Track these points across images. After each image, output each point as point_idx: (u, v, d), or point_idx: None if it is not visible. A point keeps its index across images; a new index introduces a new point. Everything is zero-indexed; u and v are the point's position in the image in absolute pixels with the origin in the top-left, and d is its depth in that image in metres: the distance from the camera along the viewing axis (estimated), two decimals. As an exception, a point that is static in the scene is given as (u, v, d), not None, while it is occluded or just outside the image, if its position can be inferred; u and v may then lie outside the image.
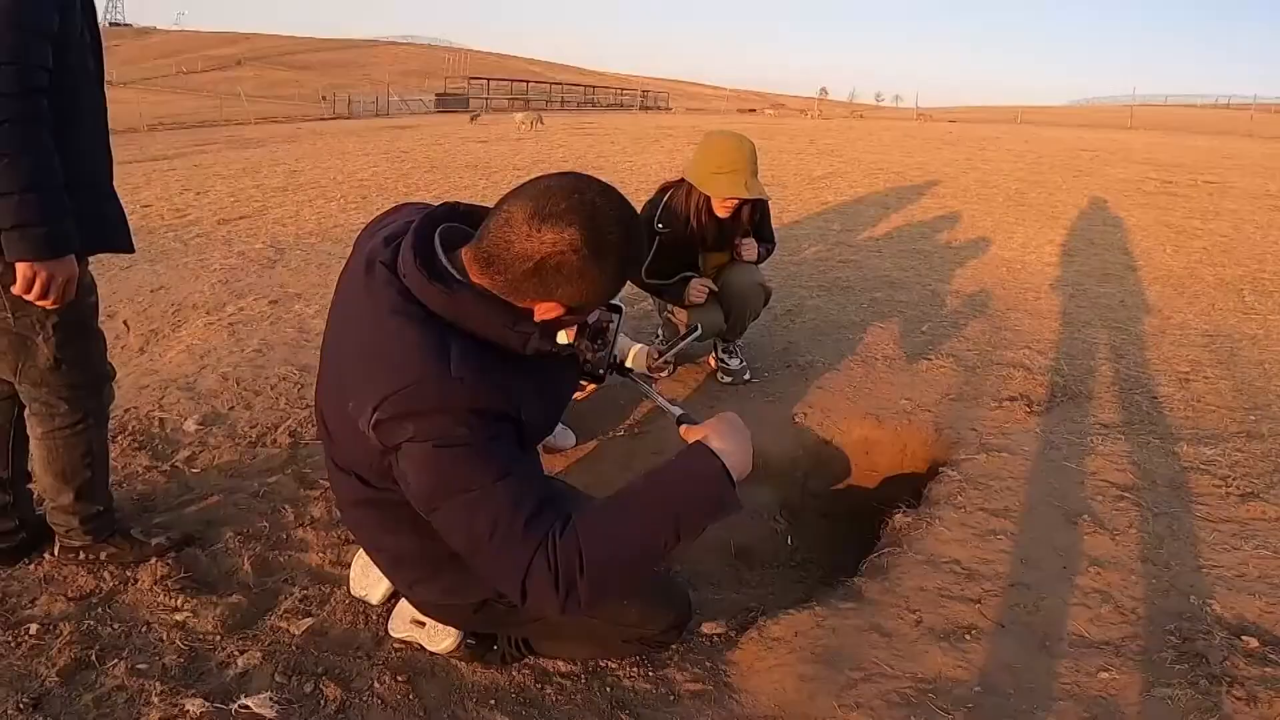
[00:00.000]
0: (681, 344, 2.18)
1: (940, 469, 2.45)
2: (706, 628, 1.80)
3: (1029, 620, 1.79)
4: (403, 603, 1.69)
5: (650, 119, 25.71)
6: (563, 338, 1.95)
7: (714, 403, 2.85)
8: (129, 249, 1.85)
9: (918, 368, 3.19)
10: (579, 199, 1.11)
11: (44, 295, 1.58)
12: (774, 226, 3.07)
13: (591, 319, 1.43)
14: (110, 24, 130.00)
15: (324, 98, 36.20)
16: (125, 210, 1.87)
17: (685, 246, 2.84)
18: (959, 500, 2.24)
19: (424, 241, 1.19)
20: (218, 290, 4.14)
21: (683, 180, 2.78)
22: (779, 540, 2.37)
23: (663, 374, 3.04)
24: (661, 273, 2.86)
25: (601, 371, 1.47)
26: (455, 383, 1.09)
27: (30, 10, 1.49)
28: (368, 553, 1.54)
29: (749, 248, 2.88)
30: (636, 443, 2.58)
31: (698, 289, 2.81)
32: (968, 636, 1.73)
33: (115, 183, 1.80)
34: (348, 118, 29.92)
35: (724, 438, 1.20)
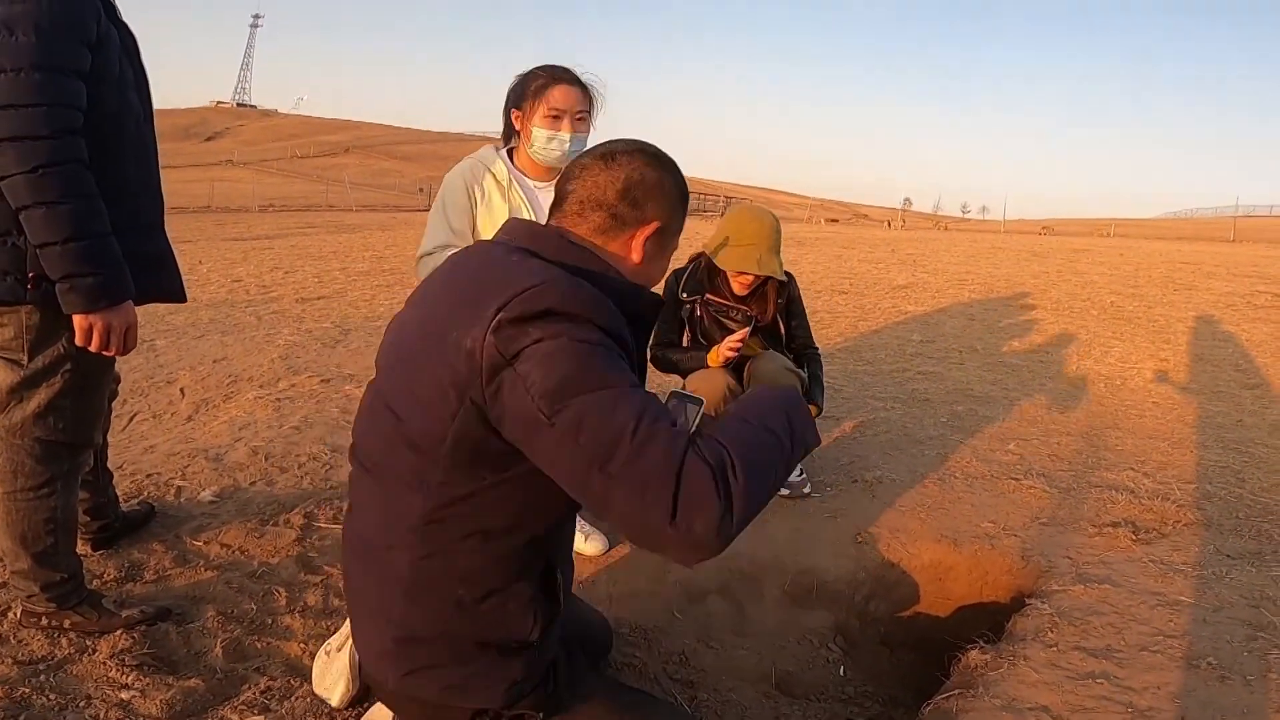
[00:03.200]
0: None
1: (1027, 601, 2.11)
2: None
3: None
4: (371, 713, 1.48)
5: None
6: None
7: (767, 516, 2.55)
8: (180, 297, 1.78)
9: (1003, 487, 2.84)
10: (624, 142, 1.24)
11: (105, 346, 1.54)
12: (850, 335, 2.82)
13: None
14: (238, 104, 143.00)
15: (420, 189, 38.35)
16: (177, 257, 1.80)
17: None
18: (1049, 637, 1.90)
19: (527, 221, 1.26)
20: (276, 365, 4.15)
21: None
22: (830, 669, 2.05)
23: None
24: (678, 346, 2.66)
25: None
26: (587, 292, 1.04)
27: (54, 48, 1.43)
28: (371, 627, 1.24)
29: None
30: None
31: (731, 347, 2.46)
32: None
33: (206, 251, 1.75)
34: (442, 211, 31.43)
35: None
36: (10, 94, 1.40)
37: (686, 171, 1.29)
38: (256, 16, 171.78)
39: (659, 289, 1.30)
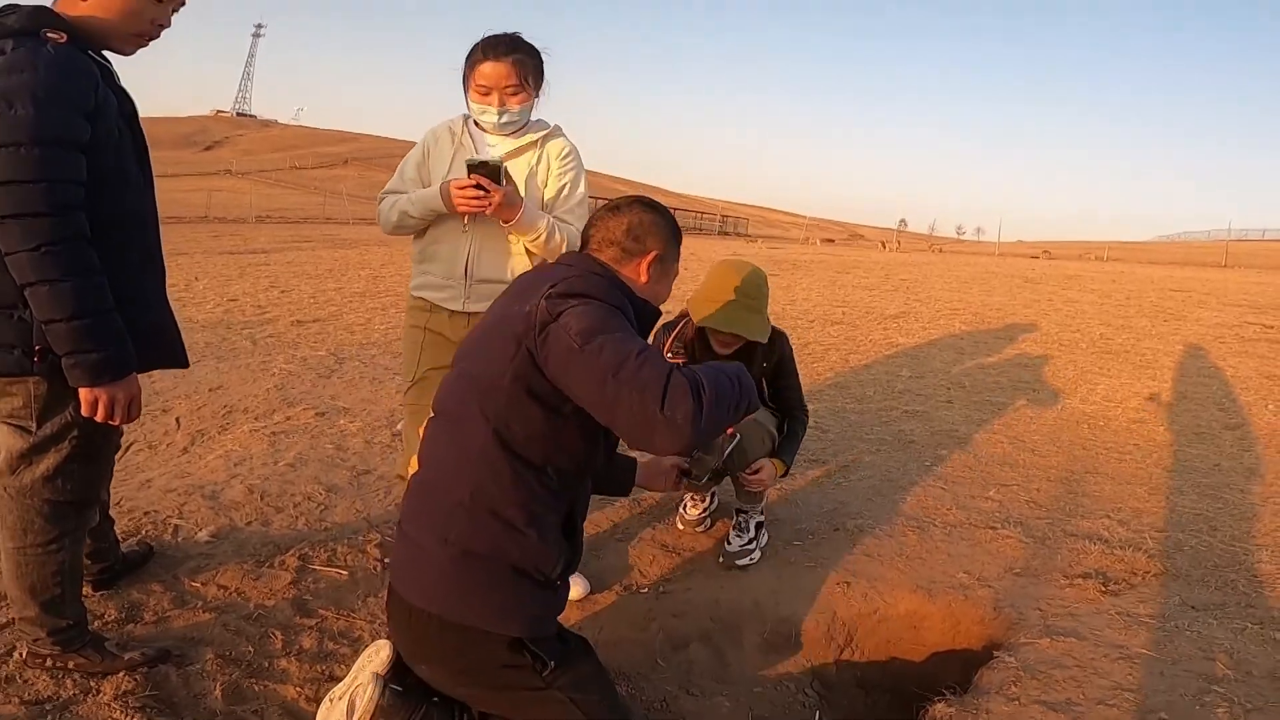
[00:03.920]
0: (723, 457, 2.07)
1: (995, 653, 2.17)
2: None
3: None
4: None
5: (724, 245, 26.15)
6: None
7: (743, 572, 2.60)
8: (181, 364, 1.82)
9: (980, 536, 2.91)
10: (626, 198, 1.71)
11: (110, 417, 1.59)
12: (840, 369, 2.86)
13: None
14: (238, 114, 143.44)
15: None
16: (178, 321, 1.84)
17: None
18: (1012, 690, 1.97)
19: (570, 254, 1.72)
20: (271, 396, 4.20)
21: None
22: (805, 714, 2.12)
23: (698, 529, 2.85)
24: None
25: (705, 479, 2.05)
26: (608, 284, 1.51)
27: (54, 122, 1.44)
28: (428, 559, 1.52)
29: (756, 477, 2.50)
30: (658, 603, 2.38)
31: None
32: None
33: (202, 266, 1.80)
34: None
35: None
36: (10, 170, 1.42)
37: (683, 189, 1.48)
38: (259, 26, 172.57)
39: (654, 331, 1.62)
